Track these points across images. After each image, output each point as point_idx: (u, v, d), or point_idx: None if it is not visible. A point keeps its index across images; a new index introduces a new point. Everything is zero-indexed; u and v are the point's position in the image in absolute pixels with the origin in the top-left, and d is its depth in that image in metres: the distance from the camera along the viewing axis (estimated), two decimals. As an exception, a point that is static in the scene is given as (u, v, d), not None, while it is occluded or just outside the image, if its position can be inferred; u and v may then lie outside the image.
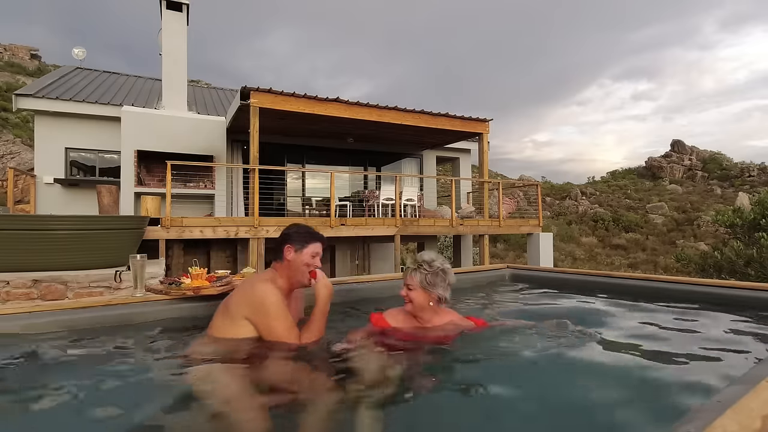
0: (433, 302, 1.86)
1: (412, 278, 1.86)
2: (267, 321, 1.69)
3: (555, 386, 1.42)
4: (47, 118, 8.59)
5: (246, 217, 7.06)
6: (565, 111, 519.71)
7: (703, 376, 1.48)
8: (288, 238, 1.88)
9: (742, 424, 0.76)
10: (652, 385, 1.42)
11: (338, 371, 1.55)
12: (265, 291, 1.72)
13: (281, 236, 1.91)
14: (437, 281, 1.85)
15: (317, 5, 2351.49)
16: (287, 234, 1.91)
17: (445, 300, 1.90)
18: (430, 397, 1.40)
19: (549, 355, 1.72)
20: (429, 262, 1.87)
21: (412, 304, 1.87)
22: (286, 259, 1.84)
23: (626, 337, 1.95)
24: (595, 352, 1.74)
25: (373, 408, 1.24)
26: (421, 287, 1.85)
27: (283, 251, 1.85)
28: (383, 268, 10.24)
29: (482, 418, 1.26)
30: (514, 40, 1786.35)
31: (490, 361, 1.73)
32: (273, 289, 1.73)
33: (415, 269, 1.87)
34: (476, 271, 3.73)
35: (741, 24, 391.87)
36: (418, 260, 1.91)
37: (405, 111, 8.54)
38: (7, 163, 18.16)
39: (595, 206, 29.96)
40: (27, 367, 1.60)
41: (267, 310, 1.69)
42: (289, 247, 1.85)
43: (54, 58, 52.91)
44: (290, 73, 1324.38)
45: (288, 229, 1.94)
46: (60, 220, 4.33)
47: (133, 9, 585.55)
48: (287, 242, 1.86)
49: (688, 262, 12.77)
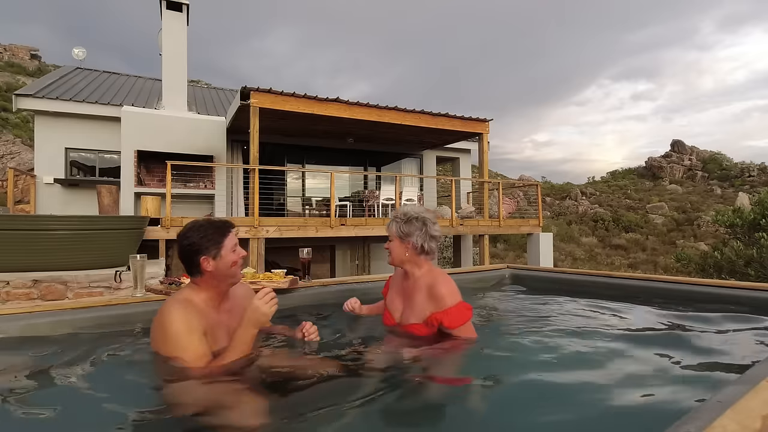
0: (410, 252, 1.82)
1: (390, 229, 1.87)
2: (168, 352, 1.43)
3: (551, 386, 1.42)
4: (47, 118, 8.58)
5: (246, 217, 7.07)
6: (565, 111, 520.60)
7: (703, 376, 1.48)
8: (198, 248, 1.53)
9: (742, 424, 0.76)
10: (652, 385, 1.42)
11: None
12: (166, 318, 1.46)
13: (186, 249, 1.54)
14: (412, 230, 1.81)
15: (317, 5, 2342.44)
16: (192, 244, 1.53)
17: (424, 250, 1.82)
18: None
19: (548, 354, 1.72)
20: (404, 212, 1.87)
21: (391, 255, 1.87)
22: (206, 272, 1.54)
23: (625, 337, 1.95)
24: (594, 351, 1.74)
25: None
26: (397, 237, 1.84)
27: (198, 266, 1.53)
28: (383, 268, 10.24)
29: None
30: (514, 40, 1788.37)
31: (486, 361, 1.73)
32: (178, 314, 1.46)
33: (392, 220, 1.88)
34: (476, 271, 3.73)
35: (740, 24, 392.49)
36: (396, 212, 1.92)
37: (405, 111, 8.54)
38: (7, 163, 18.15)
39: (595, 206, 29.95)
40: (26, 367, 1.60)
41: (167, 338, 1.44)
42: (204, 258, 1.53)
43: (54, 58, 53.02)
44: (290, 73, 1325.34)
45: (189, 237, 1.54)
46: (60, 220, 4.33)
47: (133, 9, 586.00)
48: (200, 254, 1.52)
49: (688, 262, 12.77)
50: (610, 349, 1.76)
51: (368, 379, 1.53)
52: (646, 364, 1.61)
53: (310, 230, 7.25)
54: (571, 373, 1.53)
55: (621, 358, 1.67)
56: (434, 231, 1.84)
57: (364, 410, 1.25)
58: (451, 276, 1.89)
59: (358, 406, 1.26)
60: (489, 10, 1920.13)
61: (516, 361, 1.70)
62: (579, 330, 2.03)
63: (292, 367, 1.61)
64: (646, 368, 1.57)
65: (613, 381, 1.45)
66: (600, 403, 1.28)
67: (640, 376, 1.49)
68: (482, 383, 1.49)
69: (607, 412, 1.23)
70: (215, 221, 1.63)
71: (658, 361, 1.63)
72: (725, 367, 1.56)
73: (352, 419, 1.21)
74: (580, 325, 2.15)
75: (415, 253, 1.82)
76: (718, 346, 1.78)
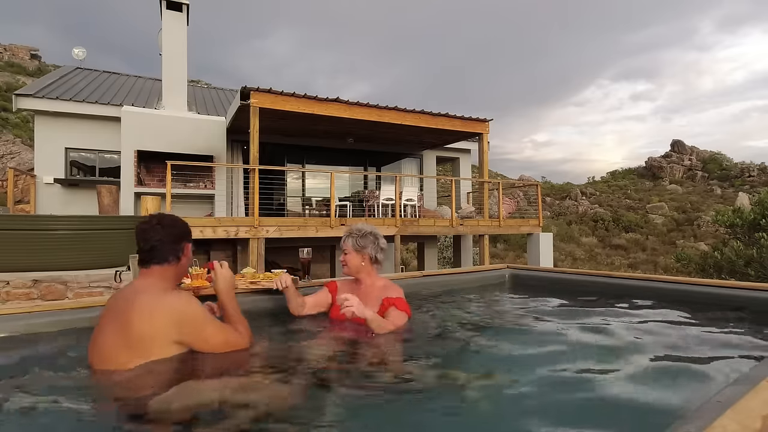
0: (366, 262, 2.06)
1: (346, 243, 2.08)
2: (203, 333, 1.46)
3: (550, 386, 1.42)
4: (47, 118, 8.59)
5: (246, 217, 7.07)
6: (564, 111, 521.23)
7: (703, 376, 1.48)
8: (185, 232, 1.57)
9: (742, 424, 0.76)
10: (652, 384, 1.42)
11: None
12: (186, 303, 1.47)
13: (174, 233, 1.55)
14: (366, 243, 2.06)
15: (317, 5, 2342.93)
16: (184, 225, 1.60)
17: (377, 260, 2.09)
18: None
19: (547, 354, 1.72)
20: (359, 229, 2.10)
21: (348, 266, 2.07)
22: (185, 257, 1.56)
23: (625, 337, 1.95)
24: (593, 352, 1.74)
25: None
26: (353, 250, 2.06)
27: (182, 250, 1.55)
28: (383, 268, 10.22)
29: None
30: (514, 40, 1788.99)
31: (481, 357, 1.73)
32: (188, 298, 1.49)
33: (348, 235, 2.10)
34: (476, 271, 3.72)
35: (738, 25, 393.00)
36: (350, 228, 2.14)
37: (405, 111, 8.55)
38: (7, 163, 18.16)
39: (595, 206, 29.97)
40: (25, 367, 1.60)
41: (197, 320, 1.46)
42: (188, 244, 1.57)
43: (54, 58, 53.04)
44: (290, 73, 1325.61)
45: (176, 220, 1.60)
46: (60, 220, 4.33)
47: (133, 9, 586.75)
48: (184, 239, 1.56)
49: (688, 262, 12.78)
50: (609, 349, 1.76)
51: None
52: (646, 364, 1.61)
53: (310, 230, 7.25)
54: (570, 373, 1.53)
55: (621, 358, 1.67)
56: (383, 244, 2.13)
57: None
58: (451, 276, 1.92)
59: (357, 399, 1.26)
60: (489, 10, 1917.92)
61: (516, 361, 1.70)
62: (578, 330, 2.03)
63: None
64: (645, 368, 1.57)
65: (613, 381, 1.45)
66: (599, 403, 1.28)
67: (639, 376, 1.49)
68: (482, 383, 1.49)
69: (607, 411, 1.23)
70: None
71: (658, 361, 1.63)
72: (725, 367, 1.55)
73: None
74: (579, 325, 2.15)
75: (370, 263, 2.09)
76: (718, 346, 1.78)
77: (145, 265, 1.52)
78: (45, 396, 1.32)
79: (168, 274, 1.53)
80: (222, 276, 1.67)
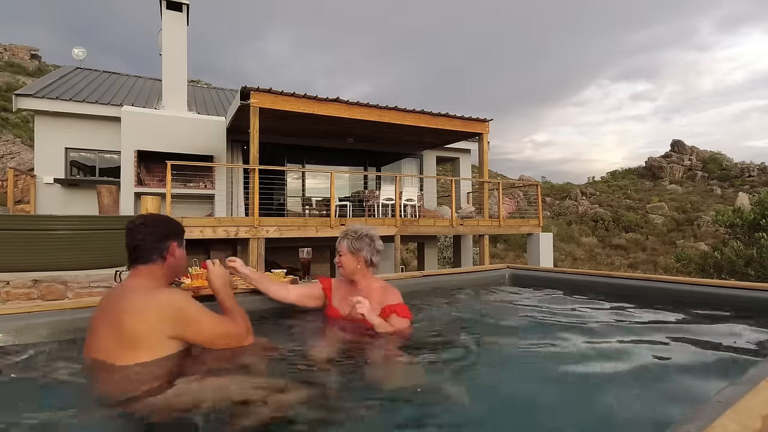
0: (361, 265, 2.03)
1: (341, 245, 2.05)
2: (197, 325, 1.46)
3: (550, 386, 1.42)
4: (47, 118, 8.59)
5: (246, 217, 7.07)
6: (564, 111, 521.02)
7: (703, 376, 1.48)
8: (169, 232, 1.57)
9: (742, 424, 0.76)
10: (652, 385, 1.42)
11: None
12: (177, 297, 1.47)
13: (159, 231, 1.55)
14: (362, 245, 2.02)
15: (317, 5, 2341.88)
16: (167, 223, 1.60)
17: (373, 263, 2.06)
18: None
19: (547, 354, 1.72)
20: (355, 230, 2.07)
21: (343, 268, 2.05)
22: (172, 257, 1.56)
23: (625, 337, 1.95)
24: (593, 352, 1.74)
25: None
26: (348, 252, 2.03)
27: (166, 249, 1.54)
28: (383, 268, 10.24)
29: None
30: (514, 40, 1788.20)
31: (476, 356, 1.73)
32: (179, 292, 1.52)
33: (343, 237, 2.06)
34: (476, 271, 3.72)
35: (738, 25, 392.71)
36: (346, 230, 2.11)
37: (405, 111, 8.55)
38: (7, 163, 18.16)
39: (595, 206, 29.96)
40: (25, 367, 1.60)
41: (190, 313, 1.45)
42: (174, 243, 1.57)
43: (54, 58, 53.04)
44: (290, 73, 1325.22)
45: (158, 219, 1.59)
46: (60, 220, 4.33)
47: (133, 9, 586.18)
48: (170, 239, 1.56)
49: (688, 262, 12.78)
50: (609, 350, 1.77)
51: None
52: (646, 364, 1.61)
53: (310, 230, 7.25)
54: (570, 373, 1.53)
55: (621, 359, 1.67)
56: (379, 246, 2.09)
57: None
58: (451, 276, 1.91)
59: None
60: (489, 11, 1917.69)
61: (516, 361, 1.70)
62: (578, 330, 2.03)
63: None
64: (646, 368, 1.57)
65: (613, 381, 1.45)
66: (599, 403, 1.28)
67: (640, 376, 1.49)
68: (482, 383, 1.49)
69: (607, 412, 1.23)
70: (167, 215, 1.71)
71: (658, 361, 1.63)
72: (725, 367, 1.56)
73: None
74: (579, 325, 2.15)
75: (365, 266, 2.05)
76: (718, 346, 1.78)
77: (132, 264, 1.54)
78: (45, 396, 1.32)
79: (156, 274, 1.53)
80: (215, 273, 1.68)
